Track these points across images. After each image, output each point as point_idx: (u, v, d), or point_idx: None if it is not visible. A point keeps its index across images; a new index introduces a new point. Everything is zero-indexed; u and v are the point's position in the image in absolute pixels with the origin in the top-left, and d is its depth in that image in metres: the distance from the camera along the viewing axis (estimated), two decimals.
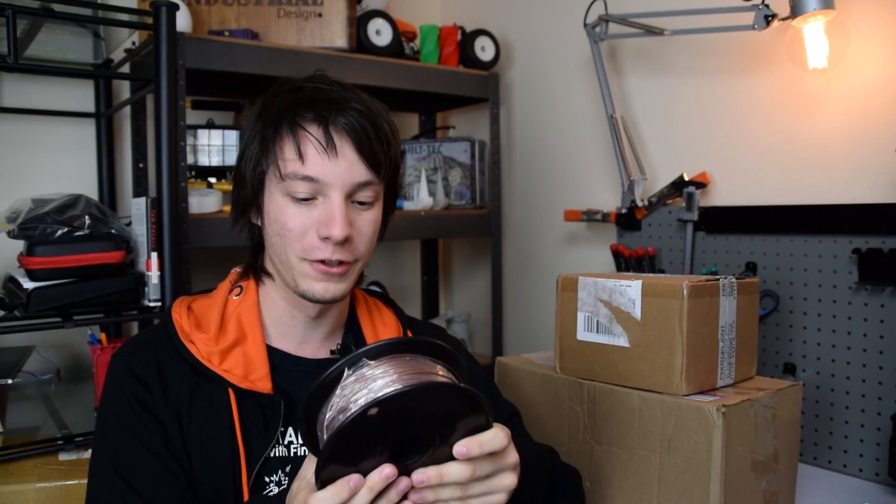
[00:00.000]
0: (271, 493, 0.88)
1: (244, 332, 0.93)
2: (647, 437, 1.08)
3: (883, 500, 1.30)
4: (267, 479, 0.89)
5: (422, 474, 0.70)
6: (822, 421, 1.46)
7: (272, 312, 0.96)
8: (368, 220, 0.91)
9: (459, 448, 0.71)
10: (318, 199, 0.87)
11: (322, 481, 0.69)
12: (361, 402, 0.69)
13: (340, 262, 0.88)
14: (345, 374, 0.73)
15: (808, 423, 1.46)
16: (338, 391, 0.72)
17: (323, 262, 0.88)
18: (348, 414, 0.68)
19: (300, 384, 0.94)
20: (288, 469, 0.90)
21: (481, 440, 0.72)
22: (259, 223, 0.94)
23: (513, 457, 0.77)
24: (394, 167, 0.93)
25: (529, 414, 1.22)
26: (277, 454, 0.90)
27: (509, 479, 0.76)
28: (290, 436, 0.92)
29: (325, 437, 0.71)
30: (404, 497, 0.71)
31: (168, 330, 0.92)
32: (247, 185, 0.91)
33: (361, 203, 0.90)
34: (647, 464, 1.08)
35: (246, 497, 0.85)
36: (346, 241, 0.87)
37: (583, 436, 1.15)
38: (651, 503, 1.07)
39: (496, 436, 0.74)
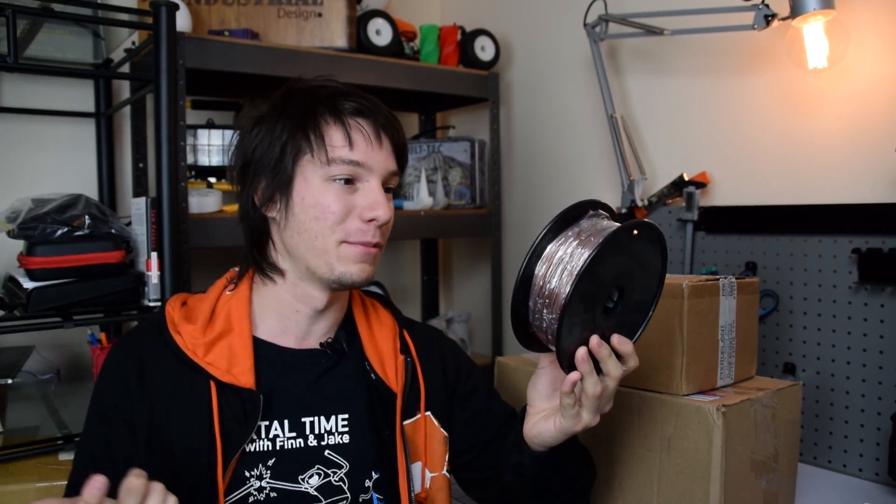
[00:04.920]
0: (252, 488, 0.89)
1: (231, 325, 0.94)
2: (647, 437, 1.08)
3: (883, 500, 1.30)
4: (247, 473, 0.89)
5: (621, 341, 0.85)
6: (822, 421, 1.46)
7: (272, 307, 0.96)
8: (392, 207, 0.96)
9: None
10: (357, 185, 0.92)
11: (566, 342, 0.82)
12: (584, 257, 0.80)
13: (373, 245, 0.93)
14: (537, 269, 0.84)
15: (808, 423, 1.46)
16: (538, 280, 0.83)
17: (362, 243, 0.92)
18: (586, 256, 0.79)
19: (288, 376, 0.95)
20: (271, 463, 0.90)
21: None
22: (276, 215, 0.93)
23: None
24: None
25: None
26: (258, 448, 0.91)
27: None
28: (276, 429, 0.92)
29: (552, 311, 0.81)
30: None
31: (159, 321, 0.94)
32: (279, 173, 0.90)
33: (387, 191, 0.96)
34: (647, 464, 1.08)
35: (221, 489, 0.86)
36: (385, 224, 0.93)
37: (582, 436, 1.15)
38: (651, 503, 1.07)
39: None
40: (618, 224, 0.83)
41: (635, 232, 0.81)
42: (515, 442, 0.98)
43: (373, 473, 0.95)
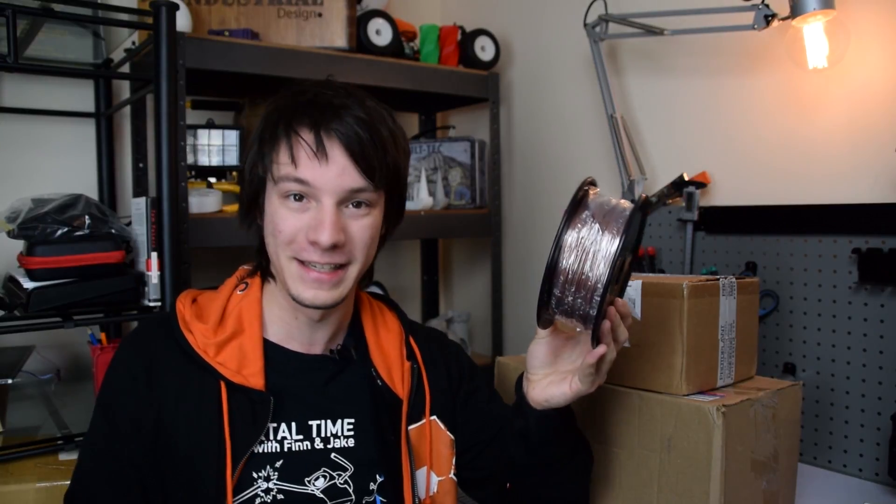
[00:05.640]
0: (259, 489, 0.89)
1: (242, 326, 0.94)
2: (647, 437, 1.08)
3: (883, 500, 1.30)
4: (255, 475, 0.89)
5: (623, 303, 0.89)
6: (822, 421, 1.46)
7: (277, 312, 0.97)
8: (364, 225, 0.90)
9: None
10: (311, 204, 0.88)
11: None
12: (609, 241, 0.83)
13: (336, 267, 0.89)
14: (561, 260, 0.85)
15: (808, 423, 1.46)
16: (567, 269, 0.85)
17: (314, 266, 0.88)
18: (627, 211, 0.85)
19: (296, 379, 0.95)
20: (279, 465, 0.90)
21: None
22: (261, 223, 0.95)
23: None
24: (392, 173, 0.92)
25: None
26: (267, 450, 0.91)
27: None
28: (284, 431, 0.92)
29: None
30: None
31: (170, 318, 0.94)
32: (249, 185, 0.93)
33: (357, 207, 0.90)
34: (647, 464, 1.08)
35: (230, 490, 0.85)
36: (335, 247, 0.87)
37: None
38: (651, 503, 1.07)
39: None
40: (625, 202, 0.88)
41: (648, 212, 0.88)
42: (517, 407, 0.98)
43: (377, 477, 0.95)
